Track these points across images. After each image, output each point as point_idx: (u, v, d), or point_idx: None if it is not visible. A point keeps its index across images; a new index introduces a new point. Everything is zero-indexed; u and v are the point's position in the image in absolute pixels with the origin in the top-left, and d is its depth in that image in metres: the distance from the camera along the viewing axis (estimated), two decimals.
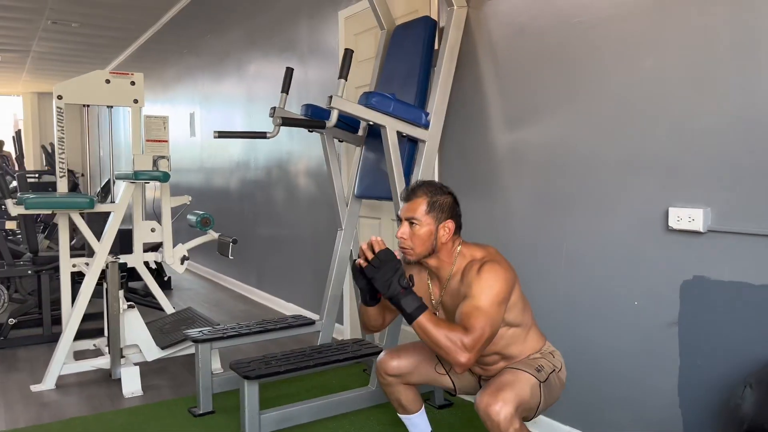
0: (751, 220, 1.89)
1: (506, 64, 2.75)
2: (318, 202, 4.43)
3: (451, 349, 1.77)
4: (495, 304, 1.84)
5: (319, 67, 4.33)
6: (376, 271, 1.84)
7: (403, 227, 1.98)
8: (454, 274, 1.99)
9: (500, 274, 1.88)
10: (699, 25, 2.00)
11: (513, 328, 1.98)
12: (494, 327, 1.84)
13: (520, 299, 1.99)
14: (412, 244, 1.96)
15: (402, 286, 1.82)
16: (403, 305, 1.82)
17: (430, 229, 1.96)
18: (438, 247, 1.98)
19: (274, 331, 3.26)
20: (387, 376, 2.18)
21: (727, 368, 1.97)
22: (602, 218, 2.35)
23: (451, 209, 2.00)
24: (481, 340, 1.79)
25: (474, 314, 1.82)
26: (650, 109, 2.16)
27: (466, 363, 1.78)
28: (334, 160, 3.38)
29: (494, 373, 2.04)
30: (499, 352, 2.01)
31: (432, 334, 1.79)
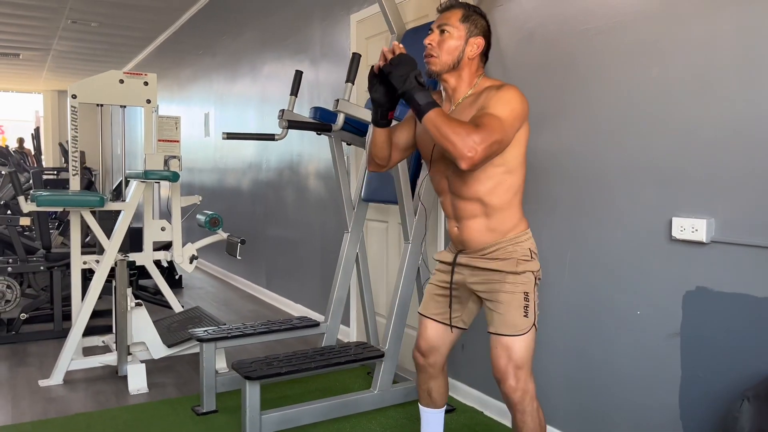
0: (755, 232, 1.87)
1: (514, 69, 2.75)
2: (327, 204, 4.45)
3: (458, 143, 1.72)
4: (510, 116, 1.82)
5: (331, 69, 4.35)
6: (393, 67, 1.80)
7: (433, 35, 1.96)
8: (470, 95, 1.97)
9: (520, 96, 1.87)
10: (704, 35, 1.99)
11: (505, 174, 1.92)
12: (504, 135, 1.81)
13: (524, 143, 1.94)
14: (439, 51, 1.94)
15: (418, 81, 1.79)
16: (417, 98, 1.78)
17: (460, 39, 1.94)
18: (463, 63, 1.95)
19: (279, 332, 3.28)
20: (421, 356, 2.16)
21: (728, 381, 1.95)
22: (606, 227, 2.34)
23: (484, 30, 1.98)
24: (489, 139, 1.75)
25: (487, 116, 1.79)
26: (655, 118, 2.15)
27: (473, 157, 1.73)
28: (341, 163, 3.39)
29: (471, 245, 1.98)
30: (482, 197, 1.93)
31: (442, 127, 1.74)
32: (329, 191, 4.41)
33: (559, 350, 2.54)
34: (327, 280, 4.38)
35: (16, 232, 4.42)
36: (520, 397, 1.92)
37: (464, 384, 3.09)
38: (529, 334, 1.93)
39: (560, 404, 2.53)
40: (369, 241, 3.88)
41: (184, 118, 7.76)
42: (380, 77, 1.87)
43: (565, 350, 2.50)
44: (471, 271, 2.03)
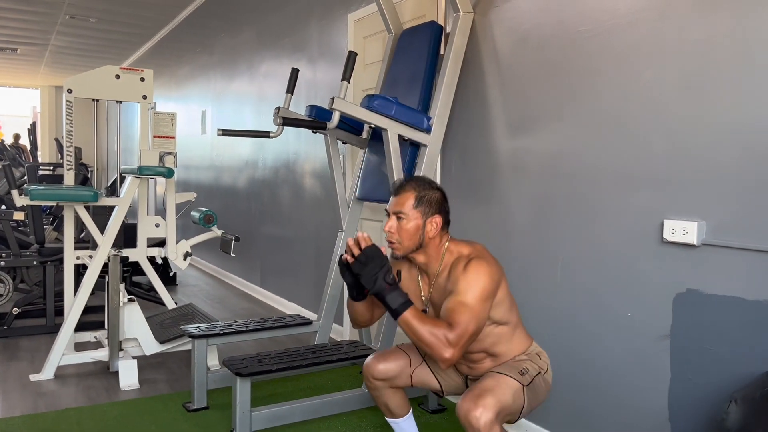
0: (745, 235, 1.88)
1: (509, 71, 2.75)
2: (322, 203, 4.45)
3: (435, 345, 1.78)
4: (480, 300, 1.85)
5: (328, 68, 4.36)
6: (362, 267, 1.85)
7: (390, 221, 1.99)
8: (442, 270, 2.00)
9: (486, 271, 1.88)
10: (698, 38, 2.00)
11: (499, 326, 1.98)
12: (479, 323, 1.85)
13: (507, 297, 1.98)
14: (400, 238, 1.97)
15: (387, 282, 1.83)
16: (388, 301, 1.83)
17: (418, 223, 1.96)
18: (425, 242, 1.98)
19: (271, 330, 3.28)
20: (374, 380, 2.18)
21: (717, 383, 1.95)
22: (598, 228, 2.35)
23: (439, 204, 2.00)
24: (465, 336, 1.80)
25: (459, 310, 1.82)
26: (648, 121, 2.16)
27: (450, 359, 1.78)
28: (337, 162, 3.39)
29: (481, 373, 2.04)
30: (486, 350, 2.01)
31: (417, 330, 1.80)
32: (324, 190, 4.41)
33: (551, 351, 2.54)
34: (321, 278, 4.38)
35: (10, 227, 4.41)
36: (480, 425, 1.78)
37: None
38: (519, 388, 1.87)
39: (551, 405, 2.54)
40: None
41: (182, 116, 7.78)
42: (350, 268, 1.91)
43: (557, 351, 2.50)
44: None
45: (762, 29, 1.83)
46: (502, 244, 2.76)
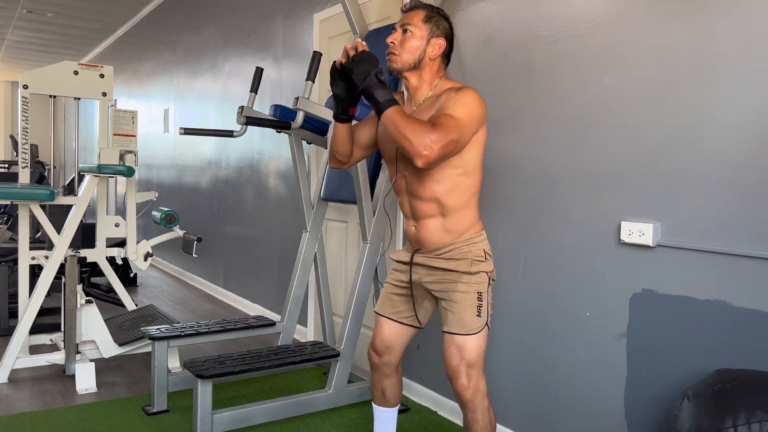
0: (698, 237, 1.94)
1: (474, 72, 2.78)
2: (286, 203, 4.43)
3: (415, 141, 1.74)
4: (468, 117, 1.84)
5: (293, 68, 4.33)
6: (355, 64, 1.82)
7: (395, 33, 1.98)
8: (431, 96, 1.99)
9: (479, 99, 1.89)
10: (655, 45, 2.05)
11: (461, 176, 1.95)
12: (462, 135, 1.83)
13: (482, 144, 1.97)
14: (401, 50, 1.96)
15: (379, 79, 1.81)
16: (376, 95, 1.80)
17: (422, 39, 1.96)
18: (423, 63, 1.97)
19: (234, 331, 3.24)
20: (376, 355, 2.18)
21: (671, 380, 2.01)
22: (558, 229, 2.39)
23: (446, 31, 2.01)
24: (446, 138, 1.77)
25: (445, 117, 1.81)
26: (606, 124, 2.21)
27: (428, 156, 1.75)
28: (301, 162, 3.38)
29: (428, 243, 2.01)
30: (438, 197, 1.96)
31: (400, 125, 1.76)
32: (289, 190, 4.39)
33: (511, 350, 2.58)
34: (285, 279, 4.35)
35: None
36: (472, 395, 1.95)
37: (419, 384, 3.11)
38: (481, 334, 1.96)
39: (511, 403, 2.57)
40: (328, 241, 3.87)
41: (143, 114, 7.64)
42: (342, 73, 1.88)
43: (517, 350, 2.54)
44: (427, 271, 2.05)
45: (714, 38, 1.89)
46: None
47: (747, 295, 1.82)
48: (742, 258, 1.84)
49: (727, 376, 1.69)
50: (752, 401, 1.56)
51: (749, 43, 1.81)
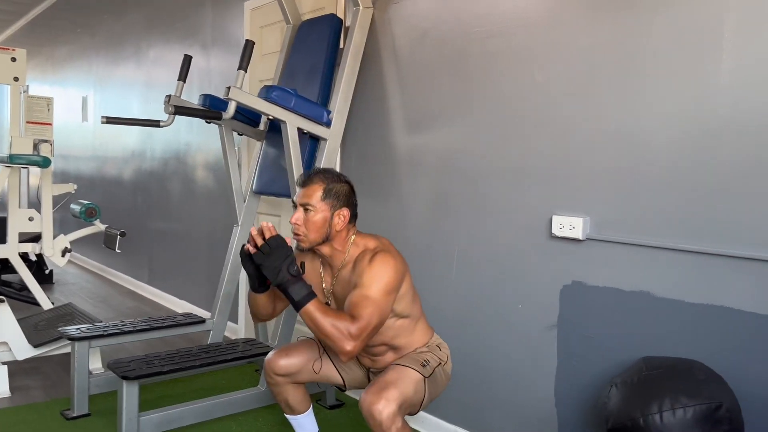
0: (624, 230, 2.02)
1: (408, 67, 2.78)
2: (216, 196, 4.30)
3: (337, 337, 1.77)
4: (384, 294, 1.85)
5: (223, 57, 4.20)
6: (265, 258, 1.81)
7: (297, 213, 1.96)
8: (347, 263, 1.99)
9: (391, 264, 1.89)
10: (585, 45, 2.11)
11: (401, 319, 2.00)
12: (382, 316, 1.85)
13: (410, 290, 2.01)
14: (306, 230, 1.94)
15: (291, 273, 1.80)
16: (291, 293, 1.79)
17: (325, 216, 1.94)
18: (332, 235, 1.97)
19: (161, 329, 3.12)
20: (275, 375, 2.14)
21: (599, 369, 2.08)
22: (492, 223, 2.43)
23: (347, 197, 1.99)
24: (367, 329, 1.80)
25: (362, 303, 1.82)
26: (538, 120, 2.25)
27: (352, 351, 1.77)
28: (232, 154, 3.28)
29: (383, 366, 2.05)
30: (387, 343, 2.02)
31: (319, 322, 1.78)
32: (218, 183, 4.26)
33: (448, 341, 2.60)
34: (215, 275, 4.22)
35: None
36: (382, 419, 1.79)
37: None
38: (420, 379, 1.91)
39: (448, 397, 2.60)
40: None
41: (59, 101, 7.21)
42: (253, 259, 1.86)
43: (452, 343, 2.56)
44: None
45: (639, 39, 1.96)
46: (400, 239, 2.78)
47: (669, 285, 1.91)
48: (664, 250, 1.92)
49: (652, 363, 1.77)
50: (676, 387, 1.64)
51: (677, 40, 1.89)
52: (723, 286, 1.79)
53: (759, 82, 1.72)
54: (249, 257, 1.87)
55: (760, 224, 1.72)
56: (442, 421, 2.62)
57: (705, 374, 1.68)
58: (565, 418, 2.19)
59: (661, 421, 1.59)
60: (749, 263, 1.74)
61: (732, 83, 1.77)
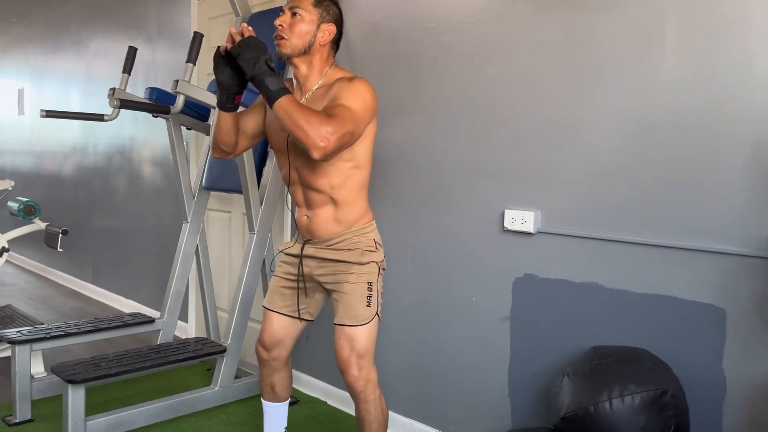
0: (574, 223, 2.07)
1: (362, 61, 2.77)
2: (163, 193, 4.19)
3: (310, 132, 1.69)
4: (361, 109, 1.82)
5: (169, 49, 4.09)
6: (242, 50, 1.72)
7: (284, 16, 1.91)
8: (322, 85, 1.94)
9: (371, 90, 1.88)
10: (533, 39, 2.15)
11: (354, 168, 1.94)
12: (356, 127, 1.81)
13: (373, 138, 1.97)
14: (290, 34, 1.89)
15: (269, 66, 1.73)
16: (267, 83, 1.72)
17: (312, 24, 1.91)
18: (314, 48, 1.92)
19: (108, 330, 3.03)
20: (264, 350, 2.11)
21: (551, 359, 2.14)
22: (446, 218, 2.45)
23: (336, 17, 1.97)
24: (341, 130, 1.74)
25: (339, 107, 1.78)
26: (491, 115, 2.29)
27: (325, 147, 1.70)
28: (180, 149, 3.20)
29: (319, 234, 1.98)
30: (330, 189, 1.94)
31: (294, 115, 1.70)
32: (166, 179, 4.15)
33: (401, 337, 2.62)
34: (163, 273, 4.11)
35: None
36: (363, 385, 1.95)
37: (308, 375, 3.08)
38: (371, 324, 1.96)
39: (401, 389, 2.62)
40: (210, 232, 3.71)
41: None
42: (227, 59, 1.79)
43: (406, 336, 2.58)
44: (318, 263, 2.02)
45: (585, 36, 2.01)
46: None
47: (616, 276, 1.97)
48: (611, 242, 1.98)
49: (602, 352, 1.82)
50: (624, 375, 1.69)
51: (621, 38, 1.94)
52: (665, 276, 1.86)
53: (697, 80, 1.78)
54: (223, 57, 1.79)
55: (697, 216, 1.79)
56: (397, 415, 2.64)
57: (651, 362, 1.75)
58: (519, 408, 2.23)
59: (611, 408, 1.65)
60: (688, 253, 1.81)
61: (673, 80, 1.84)
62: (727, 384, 1.75)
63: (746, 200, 1.71)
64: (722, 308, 1.76)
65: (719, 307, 1.76)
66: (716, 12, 1.75)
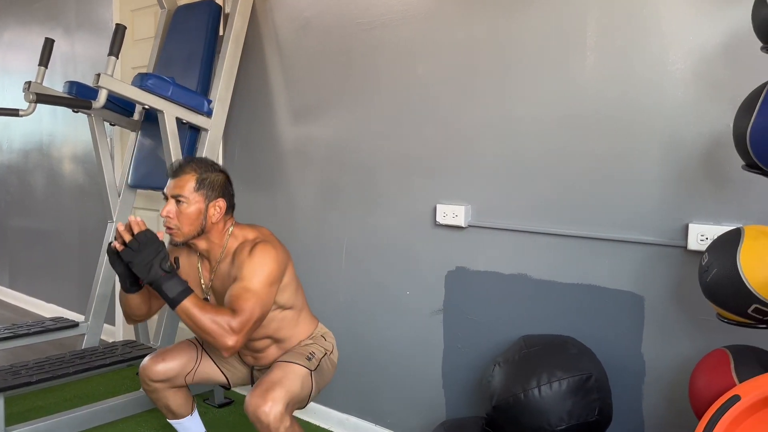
0: (503, 217, 2.13)
1: (292, 57, 2.74)
2: (86, 191, 4.01)
3: (217, 333, 1.69)
4: (266, 285, 1.80)
5: (90, 42, 3.91)
6: (134, 255, 1.68)
7: (168, 205, 1.84)
8: (225, 256, 1.92)
9: (272, 255, 1.84)
10: (462, 38, 2.19)
11: (285, 311, 1.96)
12: (264, 308, 1.81)
13: (293, 280, 1.97)
14: (179, 223, 1.84)
15: (164, 269, 1.69)
16: (165, 290, 1.69)
17: (199, 207, 1.85)
18: (208, 228, 1.88)
19: (28, 336, 2.88)
20: (151, 382, 2.03)
21: (483, 349, 2.19)
22: (380, 213, 2.47)
23: (222, 188, 1.91)
24: (249, 323, 1.74)
25: (243, 296, 1.76)
26: (421, 113, 2.32)
27: (234, 346, 1.71)
28: (104, 146, 3.08)
29: (266, 363, 2.02)
30: (271, 335, 1.98)
31: (197, 319, 1.69)
32: (89, 176, 3.98)
33: (336, 334, 2.61)
34: (88, 275, 3.94)
35: None
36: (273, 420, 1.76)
37: None
38: (306, 374, 1.88)
39: (337, 385, 2.62)
40: None
41: None
42: (121, 256, 1.74)
43: (342, 333, 2.59)
44: None
45: (511, 34, 2.07)
46: (289, 231, 2.75)
47: (543, 267, 2.05)
48: (538, 235, 2.05)
49: (531, 341, 1.89)
50: (552, 362, 1.76)
51: (546, 36, 2.01)
52: (589, 266, 1.95)
53: (617, 76, 1.87)
54: (117, 255, 1.74)
55: (618, 208, 1.89)
56: (333, 411, 2.64)
57: (577, 348, 1.82)
58: (453, 399, 2.28)
59: (540, 394, 1.71)
60: (610, 244, 1.90)
61: (594, 77, 1.92)
62: (646, 367, 1.85)
63: (662, 192, 1.81)
64: (641, 295, 1.86)
65: (638, 295, 1.86)
66: (633, 12, 1.84)
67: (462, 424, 1.95)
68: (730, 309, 1.41)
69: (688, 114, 1.76)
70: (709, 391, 1.43)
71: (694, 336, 1.76)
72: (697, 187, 1.75)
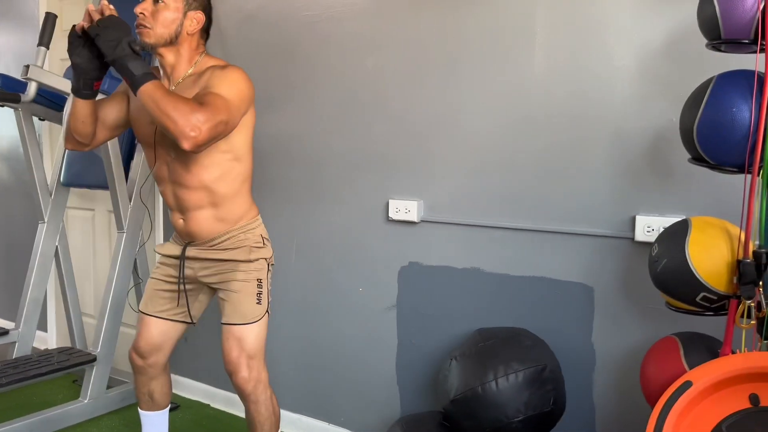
0: (455, 212, 2.14)
1: (237, 51, 2.66)
2: (13, 190, 3.78)
3: (180, 120, 1.56)
4: (236, 98, 1.72)
5: (14, 31, 3.68)
6: (102, 30, 1.57)
7: (145, 3, 1.75)
8: (191, 74, 1.82)
9: (246, 80, 1.78)
10: (411, 32, 2.18)
11: (231, 161, 1.84)
12: (230, 116, 1.69)
13: (250, 131, 1.88)
14: (153, 22, 1.74)
15: (133, 49, 1.59)
16: (130, 67, 1.58)
17: (178, 12, 1.77)
18: (181, 38, 1.79)
19: None
20: (140, 358, 1.98)
21: (438, 344, 2.20)
22: (331, 210, 2.43)
23: (204, 4, 1.85)
24: (215, 118, 1.61)
25: (212, 96, 1.66)
26: (372, 107, 2.29)
27: (196, 137, 1.58)
28: (33, 142, 2.90)
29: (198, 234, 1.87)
30: (208, 186, 1.83)
31: (161, 102, 1.57)
32: (16, 175, 3.75)
33: (289, 333, 2.57)
34: (17, 280, 3.72)
35: None
36: (253, 387, 1.89)
37: (188, 378, 2.93)
38: (261, 322, 1.90)
39: (291, 386, 2.57)
40: (71, 233, 3.40)
41: None
42: (85, 39, 1.63)
43: (295, 332, 2.54)
44: (201, 264, 1.92)
45: (460, 32, 2.08)
46: None
47: (496, 261, 2.07)
48: (489, 229, 2.07)
49: (486, 334, 1.90)
50: (507, 355, 1.78)
51: (495, 34, 2.02)
52: (540, 258, 1.98)
53: (565, 73, 1.90)
54: (80, 38, 1.63)
55: (568, 201, 1.92)
56: (284, 411, 2.58)
57: (531, 340, 1.85)
58: (407, 395, 2.28)
59: (497, 387, 1.72)
60: (560, 237, 1.94)
61: (543, 72, 1.94)
62: (596, 356, 1.90)
63: (610, 186, 1.86)
64: (591, 286, 1.90)
65: (588, 286, 1.91)
66: (581, 9, 1.88)
67: (419, 420, 1.95)
68: (679, 298, 1.45)
69: (635, 109, 1.81)
70: (660, 377, 1.48)
71: (643, 324, 1.82)
72: (643, 181, 1.81)
